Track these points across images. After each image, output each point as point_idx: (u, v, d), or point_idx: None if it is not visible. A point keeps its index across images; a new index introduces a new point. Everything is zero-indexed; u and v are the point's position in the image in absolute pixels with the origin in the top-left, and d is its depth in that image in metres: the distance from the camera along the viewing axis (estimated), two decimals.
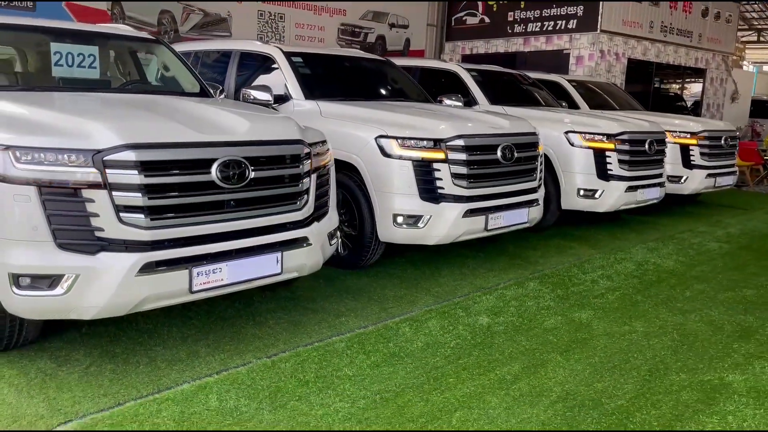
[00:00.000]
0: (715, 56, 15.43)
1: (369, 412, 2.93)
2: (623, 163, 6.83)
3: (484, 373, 3.38)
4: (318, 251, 3.93)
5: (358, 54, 6.97)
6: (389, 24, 14.08)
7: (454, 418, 2.89)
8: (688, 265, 5.82)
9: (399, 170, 4.85)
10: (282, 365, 3.38)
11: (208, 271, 3.33)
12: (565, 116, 7.10)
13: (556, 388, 3.24)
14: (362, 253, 5.14)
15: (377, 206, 4.94)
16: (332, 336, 3.82)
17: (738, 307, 4.65)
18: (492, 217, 5.16)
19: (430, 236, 4.95)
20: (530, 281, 5.08)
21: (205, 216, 3.32)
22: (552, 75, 9.98)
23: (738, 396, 3.20)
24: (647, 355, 3.70)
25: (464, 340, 3.84)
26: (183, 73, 5.15)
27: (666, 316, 4.38)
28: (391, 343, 3.73)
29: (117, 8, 10.39)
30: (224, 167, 3.34)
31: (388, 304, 4.44)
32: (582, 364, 3.54)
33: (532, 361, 3.57)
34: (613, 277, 5.30)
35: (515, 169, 5.37)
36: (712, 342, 3.94)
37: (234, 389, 3.09)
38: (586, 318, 4.29)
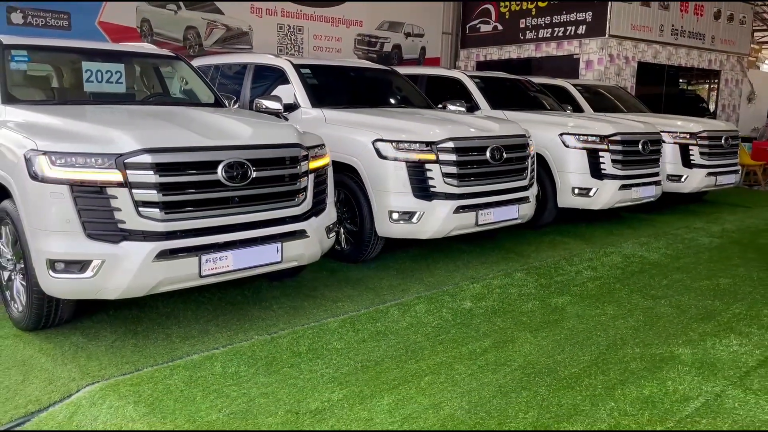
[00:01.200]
0: (730, 57, 15.57)
1: (350, 376, 3.39)
2: (616, 163, 7.18)
3: (457, 347, 3.81)
4: (316, 243, 4.41)
5: (363, 64, 7.46)
6: (405, 33, 14.56)
7: (423, 382, 3.34)
8: (673, 257, 6.16)
9: (394, 171, 5.32)
10: (280, 340, 3.86)
11: (216, 258, 3.83)
12: (561, 119, 7.48)
13: (519, 359, 3.66)
14: (362, 247, 5.61)
15: (375, 204, 5.41)
16: (327, 318, 4.29)
17: (709, 293, 4.99)
18: (482, 213, 5.58)
19: (424, 231, 5.40)
20: (518, 272, 5.48)
21: (213, 210, 3.82)
22: (558, 80, 10.34)
23: (682, 366, 3.58)
24: (609, 333, 4.09)
25: (445, 320, 4.28)
26: (199, 85, 5.70)
27: (637, 301, 4.76)
28: (379, 323, 4.19)
29: (146, 25, 11.07)
30: (229, 168, 3.85)
31: (382, 292, 4.90)
32: (548, 340, 3.95)
33: (503, 337, 3.99)
34: (597, 269, 5.68)
35: (505, 168, 5.78)
36: (674, 323, 4.31)
37: (236, 359, 3.58)
38: (561, 303, 4.69)
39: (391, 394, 3.19)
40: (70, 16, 10.35)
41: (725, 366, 3.58)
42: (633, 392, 3.24)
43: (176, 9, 11.32)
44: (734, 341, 3.96)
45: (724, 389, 3.28)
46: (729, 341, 3.96)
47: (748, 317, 4.43)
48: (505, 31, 14.28)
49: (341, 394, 3.19)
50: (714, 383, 3.35)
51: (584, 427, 2.89)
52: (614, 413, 3.02)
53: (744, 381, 3.39)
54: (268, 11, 12.35)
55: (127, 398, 3.10)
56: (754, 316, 4.46)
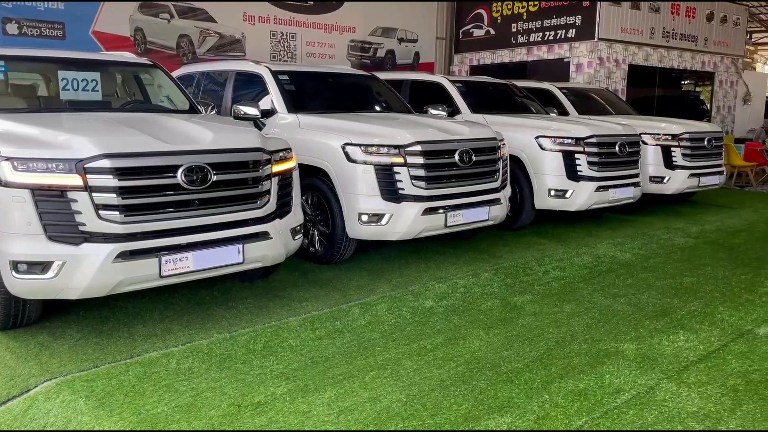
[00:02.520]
0: (724, 59, 15.59)
1: (299, 372, 3.51)
2: (593, 165, 7.27)
3: (409, 344, 3.93)
4: (280, 244, 4.54)
5: (343, 70, 7.61)
6: (398, 39, 14.71)
7: (368, 377, 3.45)
8: (644, 257, 6.24)
9: (362, 174, 5.44)
10: (238, 338, 3.99)
11: (176, 259, 3.97)
12: (538, 122, 7.58)
13: (466, 355, 3.77)
14: (334, 249, 5.73)
15: (345, 206, 5.54)
16: (289, 317, 4.41)
17: (670, 291, 5.08)
18: (451, 214, 5.69)
19: (393, 232, 5.51)
20: (486, 272, 5.59)
21: (173, 213, 3.96)
22: (544, 83, 10.44)
23: (624, 361, 3.67)
24: (561, 330, 4.19)
25: (404, 319, 4.39)
26: (175, 93, 5.86)
27: (597, 300, 4.85)
28: (338, 322, 4.31)
29: (139, 34, 11.28)
30: (188, 172, 3.99)
31: (349, 292, 5.02)
32: (499, 337, 4.06)
33: (456, 334, 4.10)
34: (566, 269, 5.78)
35: (474, 171, 5.89)
36: (628, 320, 4.40)
37: (192, 356, 3.71)
38: (521, 302, 4.79)
39: (334, 388, 3.31)
40: (64, 26, 10.58)
41: (666, 361, 3.68)
42: (569, 385, 3.34)
43: (169, 18, 11.52)
44: (681, 337, 4.05)
45: (658, 382, 3.38)
46: (676, 337, 4.05)
47: (701, 314, 4.51)
48: (498, 35, 14.40)
49: (286, 388, 3.31)
50: (650, 377, 3.45)
51: (513, 418, 3.00)
52: (545, 405, 3.12)
53: (681, 375, 3.48)
54: (260, 18, 12.54)
55: (80, 393, 3.24)
56: (708, 313, 4.54)
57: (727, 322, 4.34)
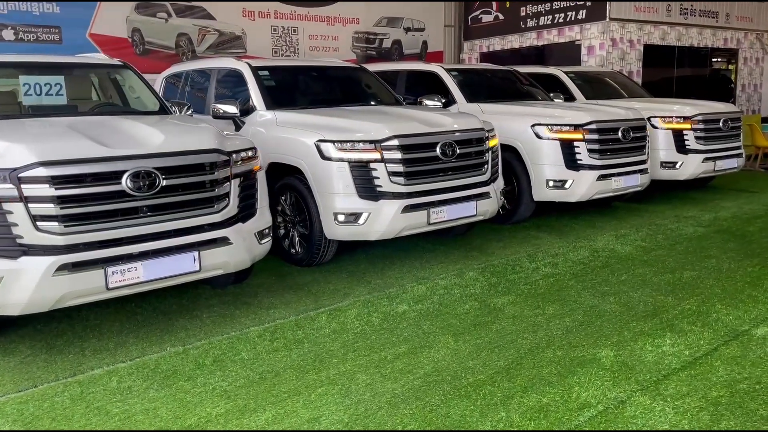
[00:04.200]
0: (748, 35, 14.89)
1: (242, 389, 3.28)
2: (593, 152, 6.89)
3: (369, 354, 3.67)
4: (242, 250, 4.31)
5: (329, 63, 7.34)
6: (405, 28, 14.37)
7: (315, 394, 3.21)
8: (645, 249, 5.86)
9: (337, 171, 5.18)
10: (191, 352, 3.78)
11: (123, 270, 3.77)
12: (534, 109, 7.21)
13: (428, 366, 3.49)
14: (314, 250, 5.49)
15: (321, 206, 5.29)
16: (252, 326, 4.19)
17: (666, 288, 4.72)
18: (434, 211, 5.40)
19: (371, 232, 5.24)
20: (472, 271, 5.29)
21: (118, 221, 3.75)
22: (550, 68, 10.03)
23: (598, 369, 3.36)
24: (538, 335, 3.88)
25: (371, 326, 4.13)
26: (146, 93, 5.67)
27: (584, 299, 4.52)
28: (301, 331, 4.07)
29: (137, 35, 11.18)
30: (134, 177, 3.78)
31: (322, 297, 4.77)
32: (468, 345, 3.77)
33: (422, 343, 3.82)
34: (558, 265, 5.44)
35: (458, 164, 5.58)
36: (613, 322, 4.07)
37: (137, 372, 3.51)
38: (501, 303, 4.49)
39: (274, 408, 3.07)
40: (61, 30, 10.53)
41: (645, 369, 3.35)
42: (532, 400, 3.05)
43: (167, 17, 11.39)
44: (668, 341, 3.71)
45: (630, 395, 3.06)
46: (662, 341, 3.71)
47: (695, 313, 4.15)
48: (507, 20, 13.96)
49: (224, 408, 3.08)
50: (623, 389, 3.13)
51: None
52: (500, 425, 2.84)
53: (658, 386, 3.15)
54: (260, 14, 12.33)
55: (9, 417, 3.06)
56: (702, 312, 4.18)
57: (723, 322, 3.97)
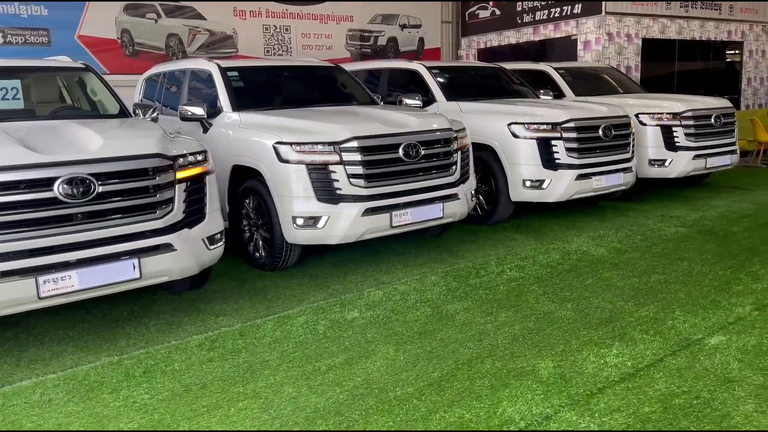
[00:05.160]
0: (753, 27, 14.53)
1: (163, 402, 3.19)
2: (572, 151, 6.71)
3: (304, 365, 3.56)
4: (188, 256, 4.22)
5: (302, 62, 7.24)
6: (400, 25, 14.23)
7: (235, 408, 3.11)
8: (619, 251, 5.69)
9: (295, 174, 5.07)
10: (125, 362, 3.70)
11: (56, 278, 3.70)
12: (512, 108, 7.04)
13: (360, 377, 3.37)
14: (276, 255, 5.39)
15: (280, 210, 5.19)
16: (195, 334, 4.10)
17: (628, 293, 4.55)
18: (396, 214, 5.27)
19: (331, 236, 5.13)
20: (435, 275, 5.16)
21: (50, 229, 3.68)
22: (540, 64, 9.84)
23: (533, 382, 3.22)
24: (482, 344, 3.75)
25: (315, 334, 4.02)
26: (107, 96, 5.60)
27: (541, 305, 4.37)
28: (242, 340, 3.97)
29: (126, 36, 11.16)
30: (67, 184, 3.70)
31: (276, 303, 4.68)
32: (408, 355, 3.64)
33: (361, 352, 3.71)
34: (525, 268, 5.29)
35: (423, 166, 5.44)
36: (564, 330, 3.92)
37: (63, 384, 3.44)
38: (454, 310, 4.36)
39: (189, 423, 2.97)
40: (49, 33, 10.53)
41: (582, 382, 3.20)
42: (454, 416, 2.92)
43: (156, 18, 11.36)
44: (614, 351, 3.55)
45: (558, 411, 2.92)
46: (608, 351, 3.55)
47: (651, 321, 3.99)
48: (503, 15, 13.76)
49: (138, 423, 3.00)
50: (552, 403, 2.99)
51: None
52: None
53: (590, 400, 3.01)
54: (252, 13, 12.26)
55: None
56: (659, 319, 4.01)
57: (676, 331, 3.81)
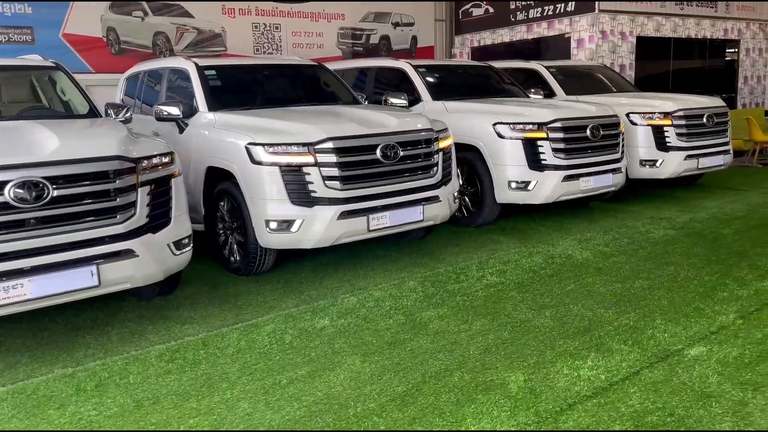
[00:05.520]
0: (750, 25, 14.35)
1: (109, 420, 3.03)
2: (558, 152, 6.54)
3: (264, 378, 3.40)
4: (150, 262, 4.06)
5: (284, 61, 7.07)
6: (393, 23, 14.05)
7: (185, 426, 2.95)
8: (605, 255, 5.52)
9: (267, 176, 4.91)
10: (79, 374, 3.54)
11: (8, 287, 3.54)
12: (498, 107, 6.87)
13: (321, 392, 3.21)
14: (250, 259, 5.23)
15: (253, 213, 5.03)
16: (158, 344, 3.94)
17: (610, 300, 4.39)
18: (374, 217, 5.11)
19: (306, 240, 4.97)
20: (413, 280, 5.00)
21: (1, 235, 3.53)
22: (531, 62, 9.67)
23: (501, 397, 3.05)
24: (453, 355, 3.58)
25: (280, 345, 3.86)
26: (76, 96, 5.44)
27: (519, 313, 4.21)
28: (204, 350, 3.81)
29: (112, 34, 11.00)
30: (19, 188, 3.54)
31: (246, 310, 4.52)
32: (374, 366, 3.48)
33: (327, 364, 3.55)
34: (506, 273, 5.13)
35: (402, 167, 5.28)
36: (539, 340, 3.75)
37: (10, 399, 3.28)
38: (429, 317, 4.19)
39: None
40: (33, 31, 10.37)
41: (552, 397, 3.04)
42: None
43: (143, 15, 11.20)
44: (589, 362, 3.39)
45: (523, 429, 2.75)
46: (583, 363, 3.39)
47: (631, 330, 3.82)
48: (497, 13, 13.58)
49: None
50: (518, 421, 2.82)
51: None
52: None
53: (558, 418, 2.84)
54: (241, 11, 12.09)
55: None
56: (639, 328, 3.85)
57: (656, 340, 3.64)
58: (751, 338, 3.61)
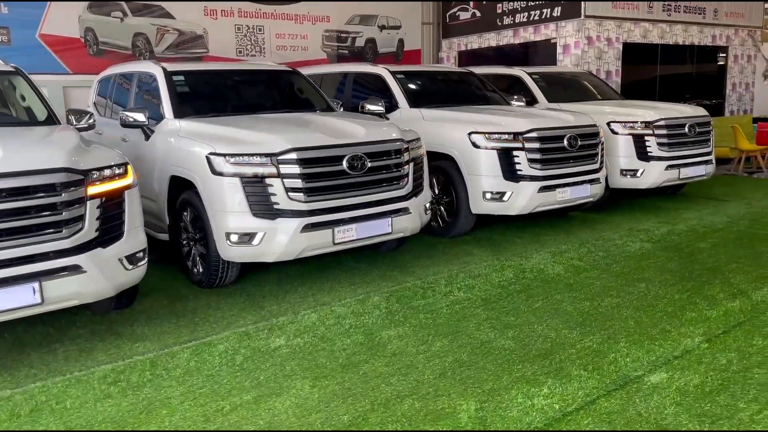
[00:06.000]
0: (739, 32, 14.27)
1: None
2: (534, 162, 6.42)
3: (207, 404, 3.26)
4: (99, 278, 3.91)
5: (256, 66, 6.93)
6: (379, 26, 13.91)
7: None
8: (577, 270, 5.40)
9: (228, 187, 4.77)
10: (16, 397, 3.39)
11: None
12: (473, 116, 6.74)
13: (262, 421, 3.08)
14: (212, 272, 5.09)
15: (213, 225, 4.89)
16: (104, 364, 3.79)
17: (576, 320, 4.26)
18: (339, 230, 4.97)
19: (267, 253, 4.83)
20: (378, 296, 4.86)
21: None
22: (514, 69, 9.55)
23: (449, 429, 2.92)
24: (407, 380, 3.45)
25: (230, 366, 3.72)
26: (35, 102, 5.29)
27: (481, 333, 4.08)
28: (150, 372, 3.67)
29: (90, 35, 10.83)
30: None
31: (202, 327, 4.37)
32: (323, 392, 3.35)
33: (274, 389, 3.41)
34: (475, 288, 5.00)
35: (370, 178, 5.14)
36: (498, 363, 3.62)
37: None
38: (389, 337, 4.06)
39: None
40: (9, 32, 10.19)
41: (501, 429, 2.90)
42: None
43: (122, 16, 11.03)
44: (545, 390, 3.26)
45: None
46: (539, 390, 3.26)
47: (593, 353, 3.70)
48: (484, 17, 13.45)
49: None
50: None
51: None
52: None
53: None
54: (223, 12, 11.93)
55: None
56: (602, 351, 3.72)
57: (617, 365, 3.52)
58: (714, 364, 3.49)
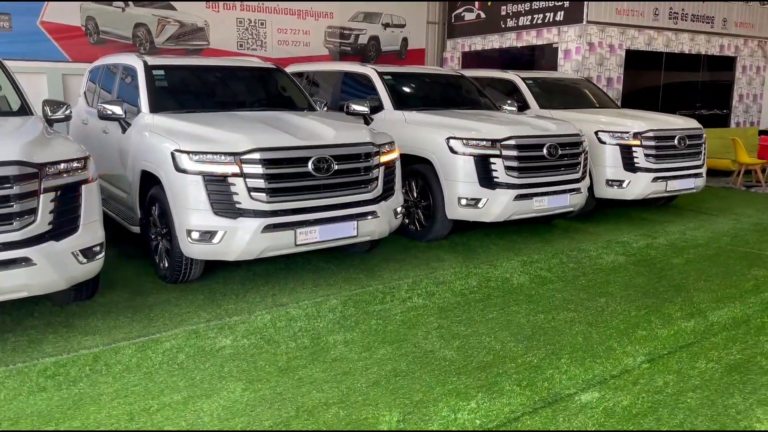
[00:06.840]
0: (748, 42, 14.07)
1: None
2: (511, 170, 6.38)
3: (136, 402, 3.29)
4: (49, 271, 3.95)
5: (238, 63, 6.95)
6: (383, 24, 13.88)
7: None
8: (542, 281, 5.37)
9: (191, 185, 4.80)
10: None
11: None
12: (453, 121, 6.71)
13: (185, 422, 3.10)
14: (176, 268, 5.13)
15: (176, 222, 4.92)
16: (49, 356, 3.83)
17: (526, 333, 4.24)
18: (302, 231, 4.98)
19: (228, 252, 4.86)
20: (337, 299, 4.87)
21: None
22: (508, 73, 9.49)
23: None
24: (340, 387, 3.45)
25: (171, 364, 3.74)
26: (10, 92, 5.34)
27: (426, 342, 4.07)
28: (90, 367, 3.70)
29: (91, 24, 10.91)
30: None
31: (155, 323, 4.41)
32: (253, 396, 3.36)
33: (207, 390, 3.43)
34: (434, 295, 4.99)
35: (336, 181, 5.15)
36: (435, 374, 3.62)
37: None
38: (335, 342, 4.07)
39: None
40: (10, 18, 10.29)
41: None
42: None
43: (124, 6, 11.10)
44: (472, 404, 3.25)
45: None
46: (466, 404, 3.25)
47: (532, 368, 3.68)
48: (488, 19, 13.38)
49: None
50: None
51: None
52: None
53: None
54: (225, 5, 11.97)
55: None
56: (541, 367, 3.70)
57: (551, 382, 3.50)
58: (650, 386, 3.46)
